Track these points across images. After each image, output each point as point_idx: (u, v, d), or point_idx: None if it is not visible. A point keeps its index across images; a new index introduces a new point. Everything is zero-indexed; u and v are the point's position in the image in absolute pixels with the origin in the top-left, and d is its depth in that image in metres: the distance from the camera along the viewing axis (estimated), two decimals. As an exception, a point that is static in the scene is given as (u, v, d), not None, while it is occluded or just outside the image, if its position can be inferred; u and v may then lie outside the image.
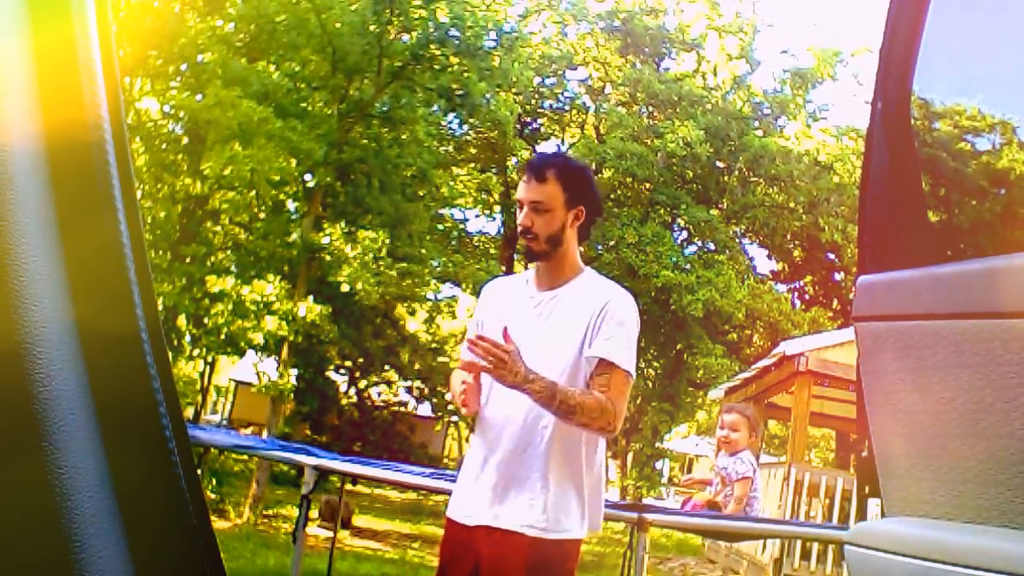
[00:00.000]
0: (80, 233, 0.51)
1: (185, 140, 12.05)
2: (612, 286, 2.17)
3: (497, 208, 20.13)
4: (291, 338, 11.83)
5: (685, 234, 18.43)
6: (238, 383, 24.02)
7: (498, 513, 2.03)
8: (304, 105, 12.71)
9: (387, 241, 12.55)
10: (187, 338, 11.95)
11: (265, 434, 12.42)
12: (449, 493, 2.25)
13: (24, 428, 0.47)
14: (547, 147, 20.90)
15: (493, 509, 2.03)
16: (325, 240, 12.33)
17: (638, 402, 17.74)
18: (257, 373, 12.52)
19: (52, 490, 0.46)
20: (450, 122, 16.99)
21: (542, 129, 20.51)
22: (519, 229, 2.15)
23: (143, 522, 0.51)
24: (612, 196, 17.80)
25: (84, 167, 0.52)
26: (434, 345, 17.85)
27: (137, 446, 0.52)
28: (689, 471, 24.68)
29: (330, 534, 7.06)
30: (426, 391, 17.48)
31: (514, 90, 16.58)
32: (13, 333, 0.47)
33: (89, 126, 0.52)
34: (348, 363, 16.90)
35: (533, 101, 19.42)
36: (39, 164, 0.50)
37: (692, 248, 18.37)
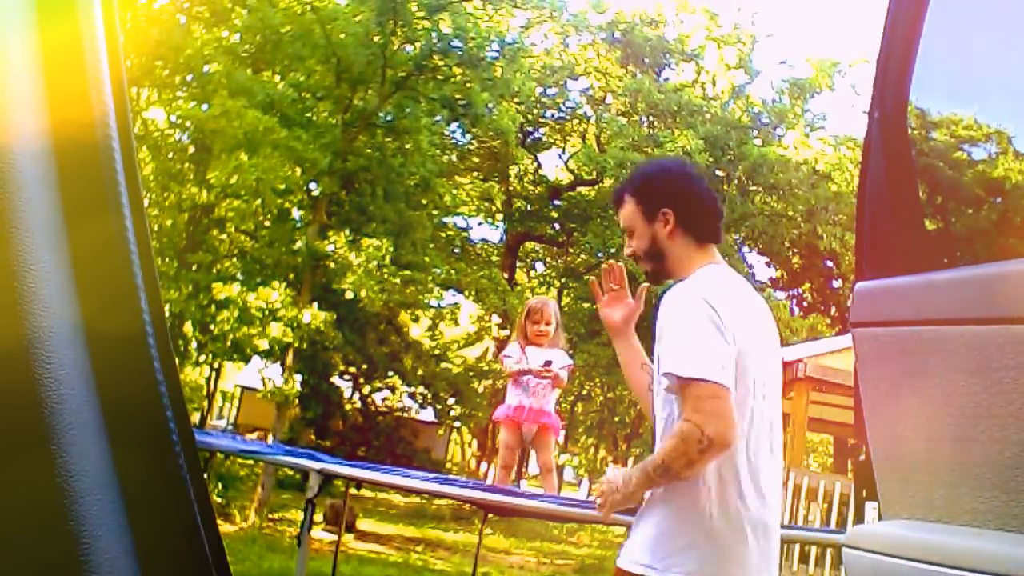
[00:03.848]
0: (86, 233, 0.51)
1: (191, 149, 12.10)
2: (683, 284, 1.91)
3: (499, 216, 20.23)
4: (296, 344, 11.94)
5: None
6: (244, 389, 24.09)
7: None
8: (309, 115, 12.82)
9: (391, 249, 12.61)
10: (193, 344, 11.97)
11: (270, 439, 12.47)
12: (451, 497, 2.23)
13: (31, 428, 0.46)
14: (548, 156, 21.04)
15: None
16: (329, 248, 12.40)
17: (638, 407, 17.84)
18: (262, 379, 12.60)
19: (59, 490, 0.46)
20: (453, 131, 17.16)
21: (544, 138, 20.64)
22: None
23: (149, 522, 0.51)
24: (612, 205, 17.92)
25: (90, 167, 0.51)
26: (437, 351, 17.95)
27: (143, 446, 0.52)
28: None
29: (334, 538, 7.11)
30: (429, 397, 17.54)
31: (516, 100, 16.72)
32: (20, 333, 0.46)
33: (95, 126, 0.52)
34: (352, 369, 16.97)
35: (535, 111, 19.54)
36: (46, 164, 0.50)
37: (691, 256, 18.47)
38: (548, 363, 3.72)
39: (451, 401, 17.39)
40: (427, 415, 19.31)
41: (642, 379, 2.15)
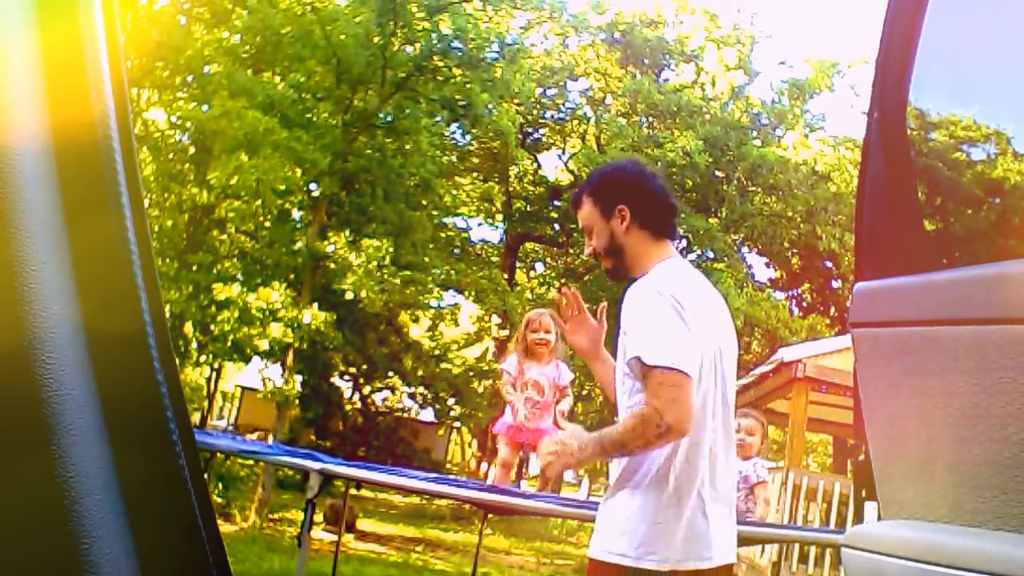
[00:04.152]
0: (87, 233, 0.51)
1: (192, 150, 12.13)
2: (647, 278, 1.98)
3: (499, 217, 20.25)
4: (296, 345, 11.95)
5: (684, 242, 18.53)
6: (244, 389, 24.11)
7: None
8: (309, 116, 12.83)
9: (391, 249, 12.63)
10: (194, 345, 11.99)
11: (271, 439, 12.49)
12: (451, 497, 2.26)
13: (31, 428, 0.46)
14: (548, 157, 21.05)
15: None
16: (330, 248, 12.41)
17: (638, 408, 17.80)
18: (263, 379, 12.58)
19: (59, 490, 0.46)
20: (453, 132, 17.17)
21: (543, 139, 20.66)
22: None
23: (149, 522, 0.51)
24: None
25: (91, 167, 0.51)
26: (437, 352, 17.96)
27: (143, 446, 0.52)
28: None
29: (334, 538, 7.11)
30: (429, 397, 17.55)
31: (516, 101, 16.73)
32: (21, 334, 0.46)
33: (96, 126, 0.52)
34: (352, 369, 16.98)
35: (535, 111, 19.55)
36: (46, 164, 0.50)
37: (691, 256, 18.47)
38: (540, 387, 3.67)
39: (451, 401, 17.40)
40: (427, 415, 19.33)
41: None
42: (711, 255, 18.19)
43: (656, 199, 2.09)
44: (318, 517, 9.91)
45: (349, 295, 12.36)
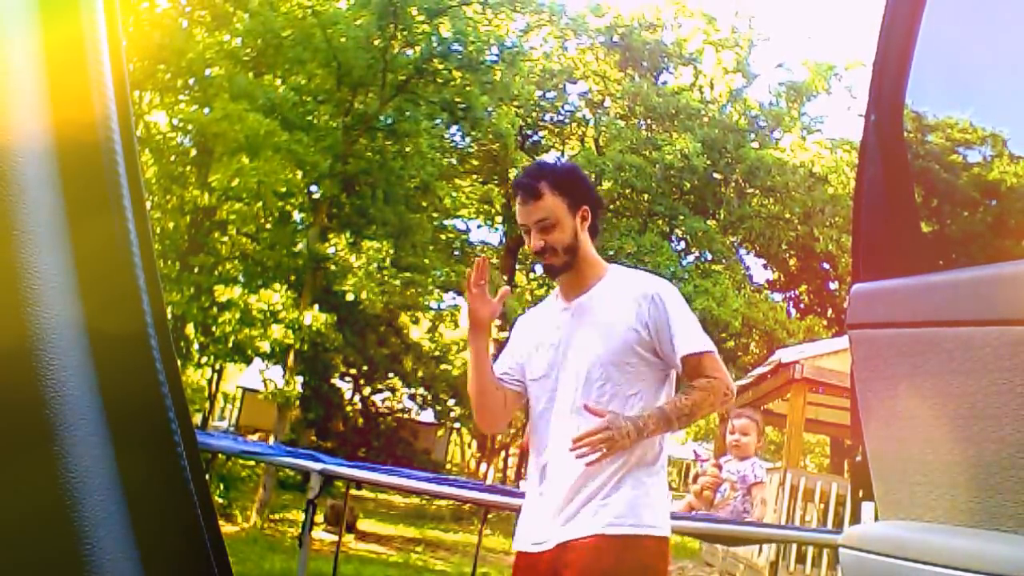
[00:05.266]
0: (89, 233, 0.51)
1: (193, 152, 12.13)
2: (650, 277, 2.11)
3: (499, 219, 20.26)
4: (297, 346, 11.96)
5: (683, 244, 18.57)
6: (245, 390, 24.13)
7: None
8: (310, 118, 12.83)
9: (391, 251, 12.65)
10: (195, 346, 12.01)
11: (272, 440, 12.49)
12: (451, 498, 2.32)
13: (33, 428, 0.46)
14: (547, 159, 21.03)
15: None
16: (330, 250, 12.44)
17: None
18: (264, 380, 12.60)
19: (61, 490, 0.46)
20: (453, 135, 17.18)
21: (543, 141, 20.67)
22: (534, 252, 2.06)
23: (151, 522, 0.51)
24: (611, 207, 17.99)
25: (92, 167, 0.51)
26: (437, 353, 17.96)
27: (145, 447, 0.52)
28: (687, 476, 24.67)
29: (335, 538, 7.12)
30: (429, 398, 17.58)
31: (515, 103, 16.77)
32: (22, 334, 0.46)
33: (97, 127, 0.51)
34: (353, 371, 16.99)
35: (534, 114, 19.58)
36: (48, 165, 0.49)
37: (690, 258, 18.52)
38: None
39: (451, 402, 17.42)
40: (427, 416, 19.35)
41: (490, 373, 2.16)
42: (709, 256, 18.23)
43: (601, 204, 2.20)
44: (319, 517, 9.93)
45: (350, 297, 12.37)
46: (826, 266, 19.37)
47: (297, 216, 13.67)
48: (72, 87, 0.51)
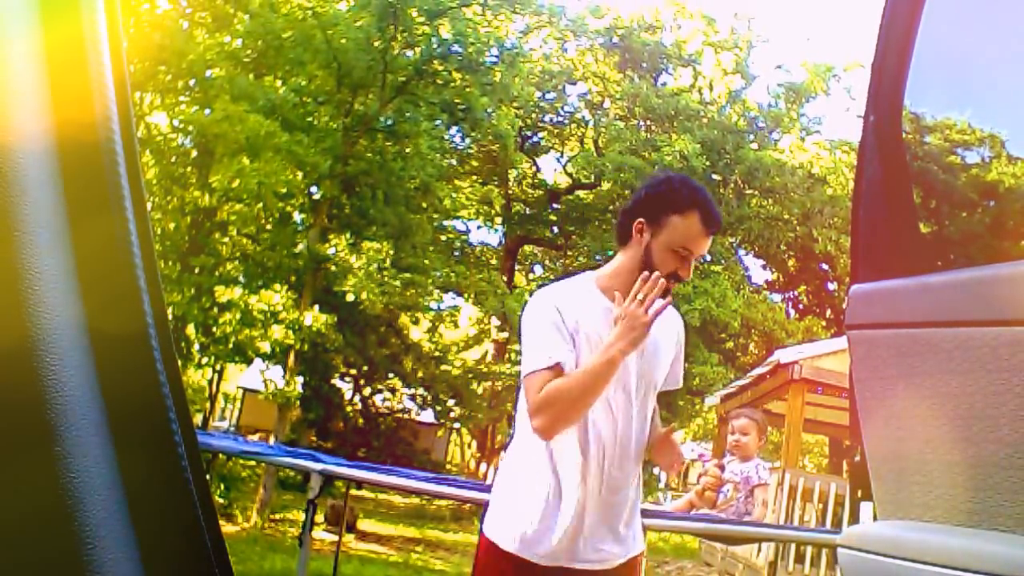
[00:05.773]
0: (89, 234, 0.51)
1: (194, 153, 12.10)
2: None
3: (498, 220, 20.28)
4: (297, 347, 11.97)
5: (683, 245, 18.58)
6: (246, 390, 24.12)
7: None
8: (310, 119, 12.84)
9: (391, 252, 12.68)
10: (196, 347, 11.99)
11: (272, 440, 12.53)
12: (451, 498, 2.27)
13: (34, 428, 0.46)
14: (547, 160, 21.08)
15: None
16: (331, 251, 12.47)
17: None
18: (264, 381, 12.62)
19: (61, 490, 0.46)
20: (452, 136, 17.19)
21: (542, 143, 20.71)
22: (672, 278, 1.92)
23: (151, 522, 0.51)
24: (610, 208, 18.02)
25: (93, 167, 0.51)
26: (437, 354, 17.95)
27: (145, 447, 0.52)
28: (686, 475, 24.68)
29: (335, 538, 7.12)
30: (429, 398, 17.56)
31: (515, 104, 16.79)
32: (23, 334, 0.46)
33: (98, 127, 0.51)
34: (353, 371, 16.98)
35: (534, 115, 19.60)
36: (48, 165, 0.49)
37: (689, 259, 18.52)
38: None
39: (451, 403, 17.41)
40: (427, 416, 19.34)
41: None
42: (708, 257, 18.20)
43: None
44: (319, 517, 9.94)
45: (350, 297, 12.38)
46: (825, 267, 19.40)
47: (297, 217, 13.67)
48: (73, 87, 0.51)
